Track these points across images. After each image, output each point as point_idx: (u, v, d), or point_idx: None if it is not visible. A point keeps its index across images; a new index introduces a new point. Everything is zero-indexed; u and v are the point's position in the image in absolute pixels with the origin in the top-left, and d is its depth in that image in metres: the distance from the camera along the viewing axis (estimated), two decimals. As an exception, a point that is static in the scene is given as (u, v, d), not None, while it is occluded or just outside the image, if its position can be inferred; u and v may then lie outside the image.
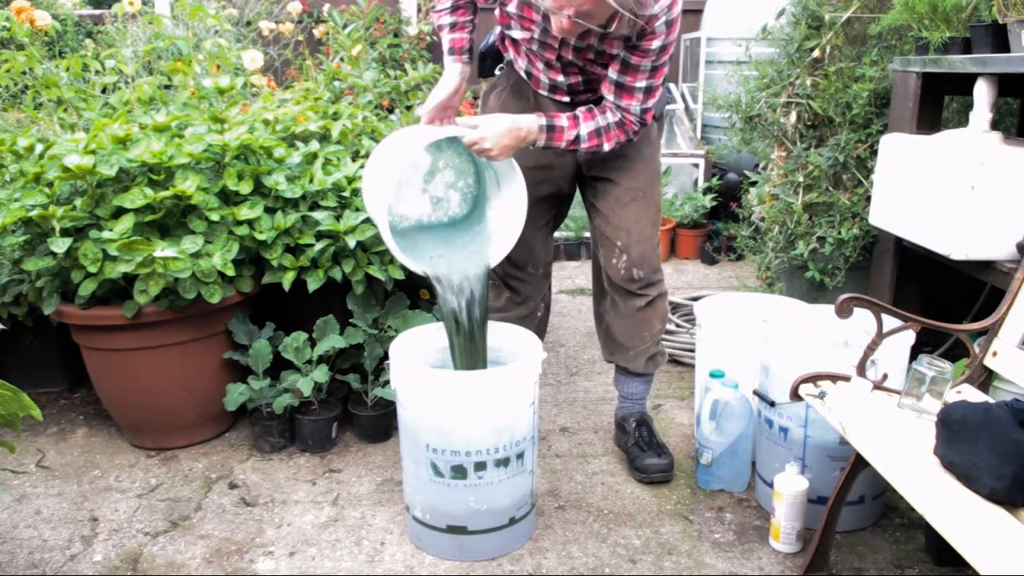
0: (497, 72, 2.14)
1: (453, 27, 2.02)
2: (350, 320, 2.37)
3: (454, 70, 2.03)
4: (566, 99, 2.04)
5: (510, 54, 2.07)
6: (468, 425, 1.75)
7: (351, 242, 2.25)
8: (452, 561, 1.83)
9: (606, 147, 1.92)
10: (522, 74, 2.06)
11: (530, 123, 1.86)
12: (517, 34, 1.93)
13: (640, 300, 2.12)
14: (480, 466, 1.77)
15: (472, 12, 2.05)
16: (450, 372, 1.86)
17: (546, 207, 2.16)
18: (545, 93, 2.05)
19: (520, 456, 1.82)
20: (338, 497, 2.10)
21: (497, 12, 1.96)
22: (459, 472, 1.78)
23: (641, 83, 1.86)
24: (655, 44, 1.79)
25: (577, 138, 1.89)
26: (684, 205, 4.35)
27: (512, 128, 1.83)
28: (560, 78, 1.98)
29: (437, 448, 1.77)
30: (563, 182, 2.14)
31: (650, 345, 2.18)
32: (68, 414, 2.57)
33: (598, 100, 1.99)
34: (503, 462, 1.79)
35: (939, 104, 2.49)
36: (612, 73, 1.86)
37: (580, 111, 1.91)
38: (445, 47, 2.05)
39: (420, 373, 1.78)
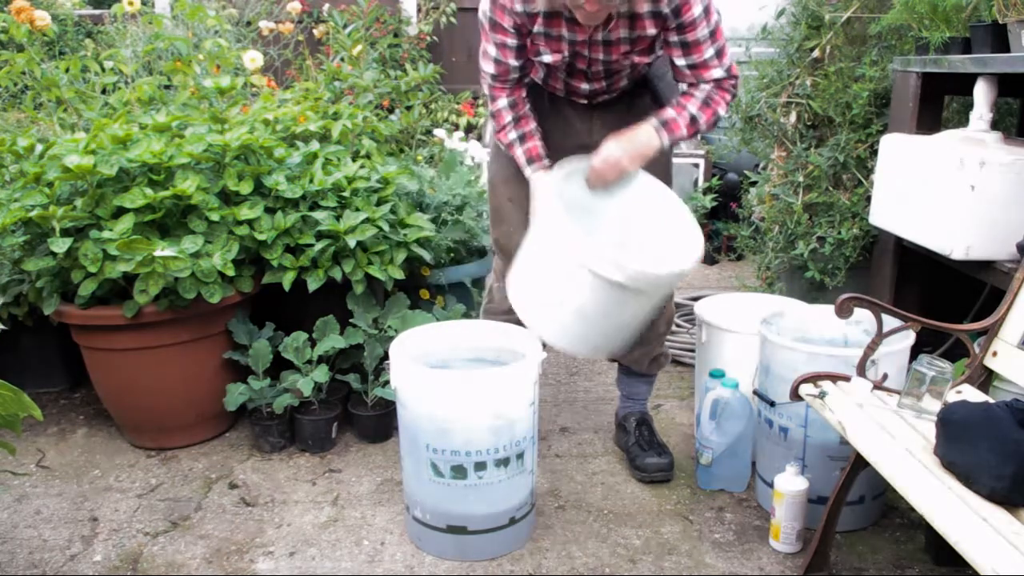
0: None
1: (523, 139, 1.96)
2: (350, 320, 2.37)
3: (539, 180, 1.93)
4: (583, 102, 2.03)
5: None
6: (468, 425, 1.75)
7: (351, 242, 2.25)
8: (452, 561, 1.83)
9: (721, 111, 1.89)
10: (537, 79, 2.03)
11: (645, 128, 1.85)
12: (548, 58, 1.88)
13: None
14: (480, 466, 1.77)
15: (533, 116, 1.98)
16: (450, 372, 1.86)
17: None
18: (562, 95, 2.04)
19: (520, 456, 1.82)
20: (338, 497, 2.10)
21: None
22: (459, 472, 1.78)
23: (709, 51, 1.82)
24: (696, 11, 1.76)
25: (693, 118, 1.87)
26: (684, 205, 4.35)
27: (632, 137, 1.83)
28: (584, 86, 1.97)
29: (437, 448, 1.77)
30: None
31: (655, 346, 2.18)
32: (68, 414, 2.57)
33: (612, 94, 1.99)
34: (503, 462, 1.79)
35: (939, 104, 2.49)
36: (679, 60, 1.84)
37: (678, 97, 1.89)
38: (522, 161, 1.96)
39: (420, 373, 1.78)
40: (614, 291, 1.69)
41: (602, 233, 1.92)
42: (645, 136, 1.85)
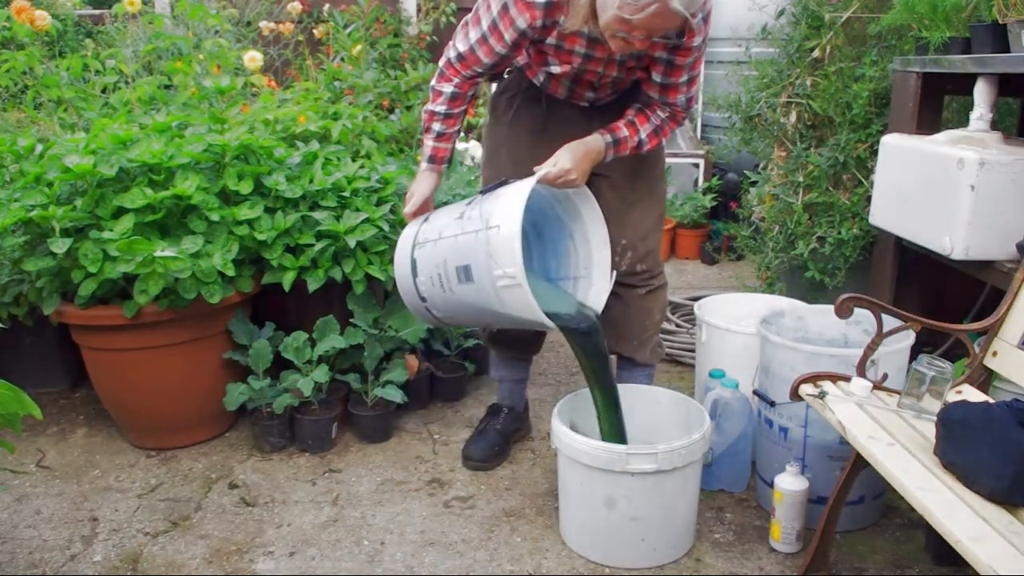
0: (506, 75, 2.11)
1: (440, 136, 1.99)
2: (350, 320, 2.37)
3: (430, 177, 2.02)
4: (584, 104, 2.04)
5: (519, 60, 2.04)
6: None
7: (351, 242, 2.25)
8: (452, 560, 1.84)
9: (664, 141, 2.00)
10: (535, 82, 2.04)
11: (598, 143, 1.90)
12: (556, 69, 1.91)
13: (642, 289, 2.13)
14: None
15: (460, 120, 2.00)
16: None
17: None
18: (563, 98, 2.04)
19: None
20: (338, 497, 2.10)
21: (530, 52, 1.93)
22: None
23: (683, 78, 1.89)
24: (696, 40, 1.81)
25: (640, 143, 1.94)
26: (684, 205, 4.35)
27: (586, 152, 1.88)
28: (589, 94, 2.00)
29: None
30: None
31: (652, 334, 2.19)
32: (68, 414, 2.57)
33: (613, 96, 2.01)
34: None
35: (939, 104, 2.49)
36: (656, 76, 1.89)
37: (632, 114, 1.95)
38: (426, 153, 2.01)
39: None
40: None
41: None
42: (596, 152, 1.90)
